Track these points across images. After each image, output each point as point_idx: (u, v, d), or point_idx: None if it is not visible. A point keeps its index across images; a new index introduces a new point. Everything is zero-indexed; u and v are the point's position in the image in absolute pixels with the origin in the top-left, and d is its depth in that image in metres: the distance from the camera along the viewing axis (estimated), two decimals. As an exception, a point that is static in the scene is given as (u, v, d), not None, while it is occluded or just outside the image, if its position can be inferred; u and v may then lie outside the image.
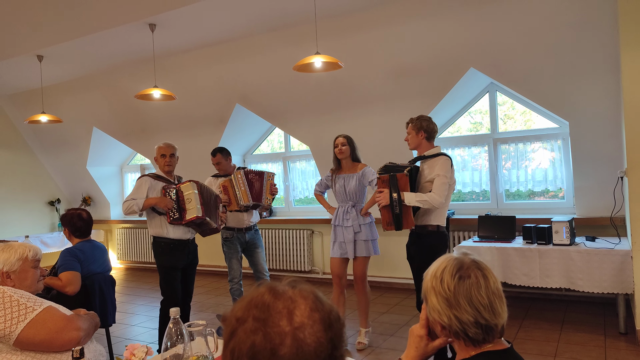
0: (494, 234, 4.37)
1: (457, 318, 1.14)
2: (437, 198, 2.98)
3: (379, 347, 3.67)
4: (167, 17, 4.39)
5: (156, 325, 4.46)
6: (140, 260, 7.54)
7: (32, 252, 2.03)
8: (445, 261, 1.21)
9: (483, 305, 1.14)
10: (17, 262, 1.98)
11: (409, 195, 3.00)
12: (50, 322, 1.85)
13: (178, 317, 1.56)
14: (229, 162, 4.23)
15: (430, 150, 3.17)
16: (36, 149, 7.89)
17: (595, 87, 4.10)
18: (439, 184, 3.01)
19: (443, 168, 3.03)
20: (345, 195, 3.72)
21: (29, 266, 2.01)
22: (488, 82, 4.95)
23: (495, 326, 1.15)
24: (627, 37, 3.40)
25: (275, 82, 5.37)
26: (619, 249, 3.61)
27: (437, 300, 1.17)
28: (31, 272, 2.02)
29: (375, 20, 4.49)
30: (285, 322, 0.78)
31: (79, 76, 6.34)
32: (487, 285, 1.15)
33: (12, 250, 2.01)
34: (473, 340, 1.16)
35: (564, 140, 4.76)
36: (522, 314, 4.23)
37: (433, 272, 1.21)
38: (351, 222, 3.66)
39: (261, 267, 4.19)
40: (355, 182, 3.68)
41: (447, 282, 1.16)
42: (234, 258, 4.11)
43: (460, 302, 1.14)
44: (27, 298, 1.90)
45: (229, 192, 3.98)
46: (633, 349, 3.34)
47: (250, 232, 4.15)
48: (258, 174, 4.06)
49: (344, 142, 3.70)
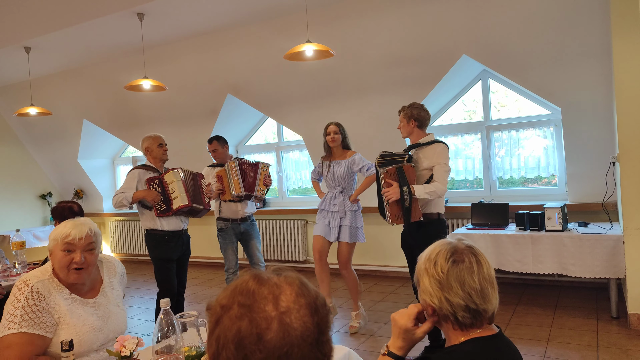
0: (488, 221, 4.39)
1: (447, 300, 1.15)
2: (442, 187, 2.97)
3: (374, 334, 3.69)
4: (155, 6, 4.32)
5: (151, 317, 4.46)
6: (134, 253, 7.52)
7: (63, 234, 1.77)
8: (440, 245, 1.22)
9: (474, 289, 1.14)
10: (53, 242, 1.79)
11: (418, 188, 2.95)
12: (6, 352, 1.62)
13: (169, 308, 1.54)
14: (226, 150, 4.21)
15: (424, 137, 3.14)
16: (26, 142, 7.80)
17: (587, 74, 4.10)
18: (441, 172, 2.99)
19: (442, 156, 3.01)
20: (334, 181, 3.76)
21: (58, 249, 1.77)
22: (481, 69, 4.93)
23: (484, 312, 1.16)
24: (618, 23, 3.39)
25: (267, 72, 5.32)
26: (611, 234, 3.63)
27: (429, 282, 1.18)
28: (60, 255, 1.76)
29: (367, 8, 4.45)
30: (271, 307, 0.78)
31: (68, 68, 6.25)
32: (480, 270, 1.16)
33: (56, 229, 1.81)
34: (461, 324, 1.16)
35: (556, 127, 4.76)
36: (516, 299, 4.26)
37: (427, 255, 1.22)
38: (337, 207, 3.69)
39: (257, 259, 4.18)
40: (344, 168, 3.71)
41: (441, 265, 1.17)
42: (229, 248, 4.11)
43: (453, 285, 1.14)
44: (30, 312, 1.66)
45: (223, 182, 3.97)
46: (625, 332, 3.38)
47: (246, 222, 4.14)
48: (252, 164, 4.05)
49: (337, 130, 3.72)
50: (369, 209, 5.14)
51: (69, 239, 1.76)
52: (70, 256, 1.76)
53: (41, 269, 1.82)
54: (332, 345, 0.83)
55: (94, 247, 1.83)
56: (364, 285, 5.14)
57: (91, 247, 1.82)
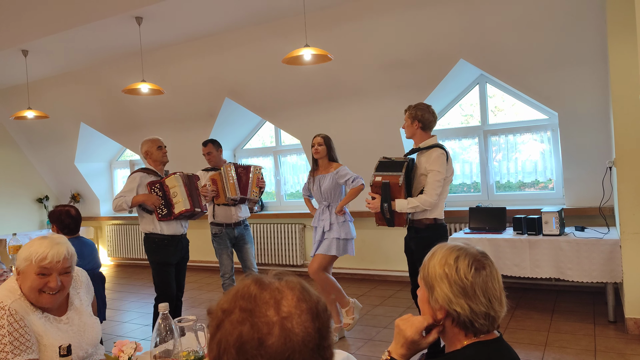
0: (485, 225, 4.39)
1: (470, 308, 1.12)
2: (427, 199, 2.91)
3: (373, 339, 3.68)
4: (154, 9, 4.33)
5: (148, 321, 4.44)
6: (131, 257, 7.49)
7: (39, 257, 1.63)
8: (456, 250, 1.17)
9: (496, 297, 1.14)
10: (24, 261, 1.65)
11: (401, 203, 2.94)
12: None
13: (167, 313, 1.54)
14: (220, 153, 4.21)
15: (425, 141, 3.07)
16: (23, 145, 7.78)
17: (583, 78, 4.12)
18: (432, 181, 2.92)
19: (437, 163, 2.93)
20: (320, 196, 3.69)
21: (31, 270, 1.64)
22: (478, 73, 4.95)
23: (499, 318, 1.16)
24: (614, 29, 3.41)
25: (265, 76, 5.33)
26: (608, 239, 3.65)
27: (450, 288, 1.14)
28: (32, 278, 1.63)
29: (365, 12, 4.47)
30: (273, 312, 0.77)
31: (66, 71, 6.24)
32: (498, 277, 1.16)
33: (26, 247, 1.68)
34: (476, 331, 1.14)
35: (553, 132, 4.78)
36: (514, 304, 4.26)
37: (443, 259, 1.17)
38: (324, 222, 3.62)
39: (250, 263, 4.18)
40: (330, 181, 3.63)
41: (464, 271, 1.13)
42: (224, 253, 4.10)
43: (477, 293, 1.12)
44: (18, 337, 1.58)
45: (218, 185, 3.97)
46: (622, 337, 3.38)
47: (240, 227, 4.14)
48: (245, 167, 4.06)
49: (321, 142, 3.67)
50: (365, 214, 5.15)
51: (45, 262, 1.63)
52: (44, 279, 1.64)
53: (8, 288, 1.69)
54: (333, 351, 0.83)
55: (70, 270, 1.72)
56: (362, 290, 5.14)
57: (68, 270, 1.70)
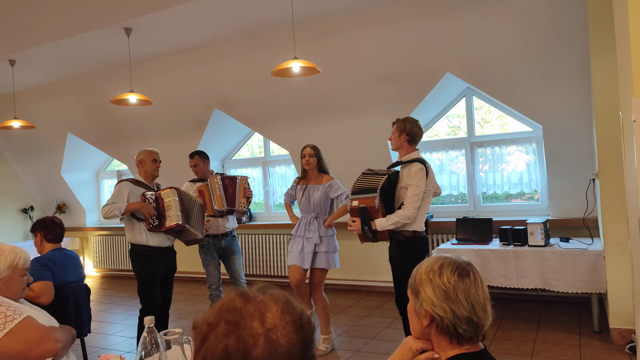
0: (472, 236, 4.43)
1: (452, 311, 1.16)
2: (406, 214, 3.01)
3: (360, 350, 3.67)
4: (143, 21, 4.34)
5: (133, 334, 4.39)
6: (117, 268, 7.40)
7: (22, 259, 1.95)
8: (442, 259, 1.24)
9: (479, 303, 1.18)
10: (7, 269, 1.89)
11: (380, 222, 3.03)
12: (30, 332, 1.78)
13: (152, 326, 1.53)
14: (207, 165, 4.20)
15: (408, 155, 3.16)
16: (8, 155, 7.69)
17: (567, 92, 4.20)
18: (410, 195, 3.02)
19: (416, 177, 3.02)
20: (309, 206, 3.66)
21: (17, 274, 1.92)
22: (464, 86, 5.02)
23: (483, 326, 1.19)
24: (596, 43, 3.49)
25: (254, 87, 5.35)
26: (592, 250, 3.70)
27: (433, 292, 1.18)
28: (19, 280, 1.93)
29: (353, 26, 4.53)
30: (258, 324, 0.79)
31: (53, 81, 6.21)
32: (482, 286, 1.21)
33: (3, 257, 1.91)
34: (460, 338, 1.18)
35: (538, 144, 4.86)
36: (500, 314, 4.29)
37: (429, 266, 1.23)
38: (312, 233, 3.60)
39: (237, 274, 4.16)
40: (321, 193, 3.63)
41: (447, 276, 1.18)
42: (211, 264, 4.08)
43: (459, 297, 1.16)
44: (7, 306, 1.82)
45: (205, 197, 3.96)
46: (607, 347, 3.42)
47: (227, 238, 4.12)
48: (231, 178, 4.05)
49: (311, 153, 3.68)
50: (355, 224, 5.16)
51: (27, 264, 1.98)
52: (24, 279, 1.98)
53: None
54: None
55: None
56: (349, 301, 5.13)
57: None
